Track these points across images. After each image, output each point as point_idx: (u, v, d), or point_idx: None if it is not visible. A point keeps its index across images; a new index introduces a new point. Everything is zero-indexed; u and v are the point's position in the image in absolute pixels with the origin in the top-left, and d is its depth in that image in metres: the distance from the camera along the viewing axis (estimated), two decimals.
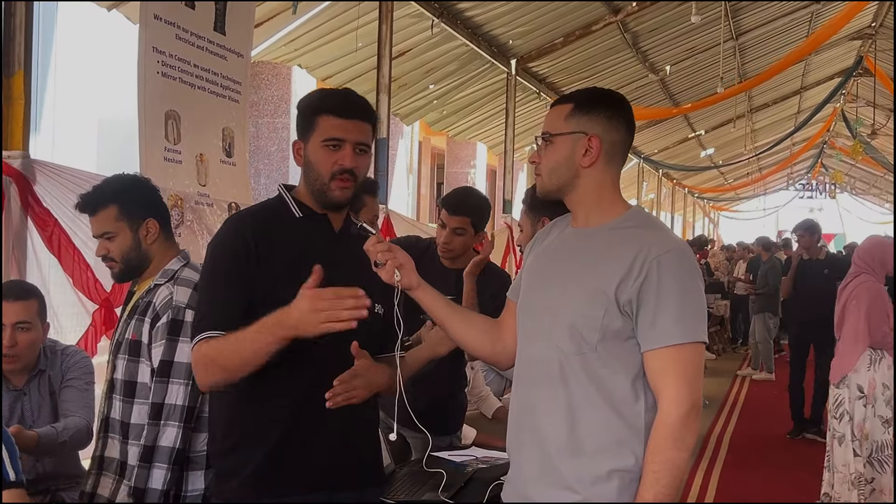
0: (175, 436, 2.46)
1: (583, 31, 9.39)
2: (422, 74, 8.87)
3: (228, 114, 4.50)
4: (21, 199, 3.46)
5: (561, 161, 2.11)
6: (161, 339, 2.49)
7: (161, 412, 2.47)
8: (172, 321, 2.50)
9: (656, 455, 1.95)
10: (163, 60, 3.94)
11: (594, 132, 2.09)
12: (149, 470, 2.44)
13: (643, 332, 1.98)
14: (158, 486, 2.43)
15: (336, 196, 2.24)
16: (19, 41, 3.55)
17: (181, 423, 2.47)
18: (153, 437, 2.45)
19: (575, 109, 2.10)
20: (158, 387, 2.48)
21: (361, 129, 2.25)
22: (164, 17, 3.95)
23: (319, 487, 2.23)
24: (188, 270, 2.62)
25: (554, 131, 2.11)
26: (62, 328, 3.67)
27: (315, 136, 2.24)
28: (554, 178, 2.13)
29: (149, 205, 2.68)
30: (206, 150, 4.30)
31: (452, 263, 3.59)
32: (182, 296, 2.52)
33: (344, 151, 2.22)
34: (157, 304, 2.53)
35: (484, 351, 2.35)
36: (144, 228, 2.63)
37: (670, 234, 2.15)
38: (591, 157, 2.09)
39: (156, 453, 2.45)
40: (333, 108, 2.23)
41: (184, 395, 2.48)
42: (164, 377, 2.48)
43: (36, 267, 3.56)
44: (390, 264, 2.18)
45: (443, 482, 2.90)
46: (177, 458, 2.46)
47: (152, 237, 2.64)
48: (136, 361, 2.54)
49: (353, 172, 2.23)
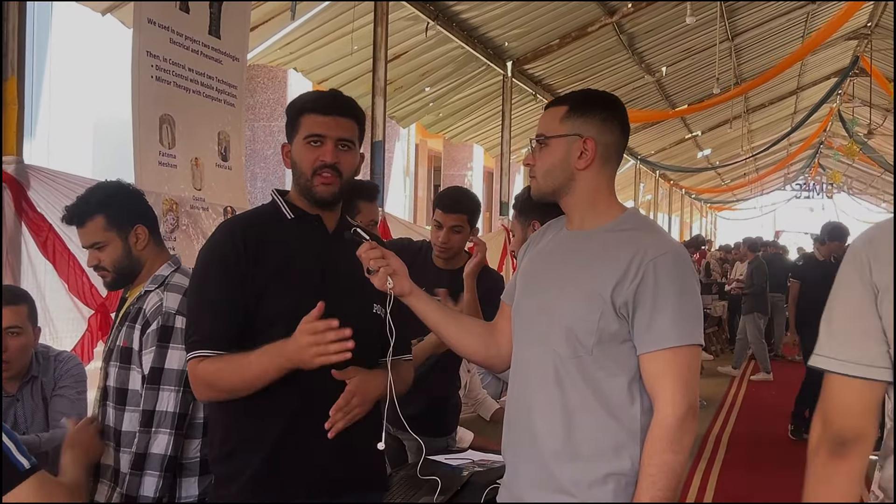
0: (167, 443, 2.44)
1: (579, 33, 9.39)
2: (418, 77, 8.86)
3: (224, 118, 4.49)
4: (15, 205, 3.44)
5: (556, 163, 2.10)
6: (151, 346, 2.47)
7: (152, 419, 2.45)
8: (162, 328, 2.48)
9: (653, 458, 1.94)
10: (157, 65, 3.92)
11: (589, 134, 2.08)
12: (140, 477, 2.42)
13: (639, 335, 1.98)
14: (150, 494, 2.42)
15: (319, 192, 2.24)
16: (12, 46, 3.53)
17: (172, 430, 2.45)
18: (144, 445, 2.44)
19: (570, 111, 2.10)
20: (149, 394, 2.46)
21: (344, 126, 2.26)
22: (158, 21, 3.93)
23: (319, 492, 2.22)
24: (178, 276, 2.60)
25: (549, 133, 2.11)
26: (58, 333, 3.65)
27: (299, 134, 2.26)
28: (549, 181, 2.12)
29: (136, 211, 2.66)
30: (201, 154, 4.28)
31: (446, 264, 3.60)
32: (172, 302, 2.50)
33: (325, 147, 2.23)
34: (147, 311, 2.52)
35: (478, 355, 2.34)
36: (134, 235, 2.61)
37: (666, 236, 2.15)
38: (586, 160, 2.09)
39: (147, 461, 2.43)
40: (314, 107, 2.26)
41: (175, 401, 2.46)
42: (154, 384, 2.46)
43: (31, 272, 3.55)
44: (383, 271, 2.18)
45: (438, 488, 2.90)
46: (169, 465, 2.44)
47: (143, 243, 2.63)
48: (127, 368, 2.52)
49: (335, 168, 2.24)
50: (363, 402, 2.21)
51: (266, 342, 2.10)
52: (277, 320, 2.17)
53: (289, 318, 2.16)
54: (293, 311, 2.16)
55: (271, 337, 2.11)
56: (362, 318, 2.27)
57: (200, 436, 2.52)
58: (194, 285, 2.27)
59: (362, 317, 2.27)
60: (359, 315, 2.26)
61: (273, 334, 2.13)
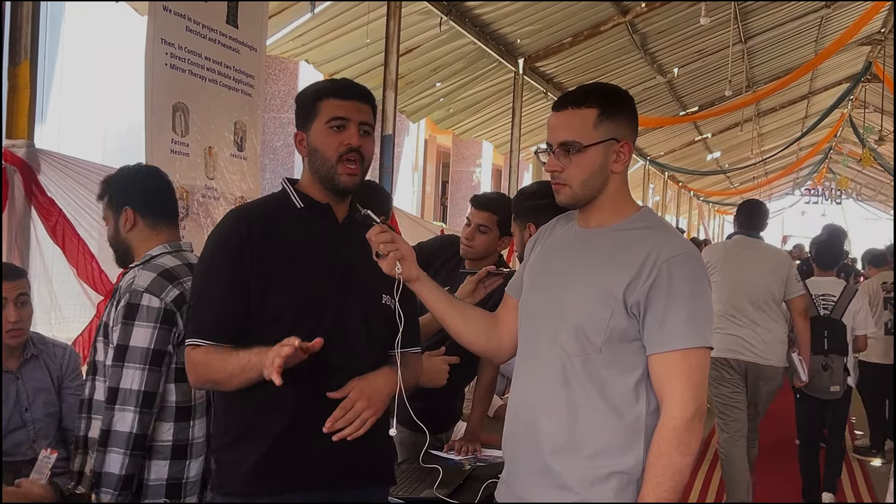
0: (132, 420, 2.41)
1: (591, 32, 9.36)
2: (429, 72, 8.86)
3: (241, 108, 4.49)
4: (25, 189, 3.45)
5: (595, 170, 2.05)
6: (118, 323, 2.47)
7: (116, 396, 2.42)
8: (128, 305, 2.47)
9: (659, 459, 1.94)
10: (171, 52, 3.92)
11: (624, 137, 2.06)
12: (105, 454, 2.41)
13: (650, 335, 1.97)
14: (115, 471, 2.39)
15: (343, 181, 2.23)
16: (26, 31, 3.54)
17: (138, 408, 2.42)
18: (108, 422, 2.42)
19: (602, 115, 2.04)
20: (114, 371, 2.45)
21: (363, 110, 2.26)
22: (174, 9, 3.93)
23: (321, 485, 2.22)
24: (168, 257, 2.60)
25: (586, 141, 2.04)
26: (65, 319, 3.66)
27: (318, 120, 2.23)
28: (588, 189, 2.07)
29: (127, 193, 2.68)
30: (215, 143, 4.28)
31: (474, 266, 3.55)
32: (143, 280, 2.50)
33: (349, 131, 2.22)
34: (121, 288, 2.55)
35: (479, 345, 2.34)
36: (123, 217, 2.66)
37: (679, 236, 2.14)
38: (622, 162, 2.07)
39: (112, 437, 2.41)
40: (334, 91, 2.25)
41: (140, 379, 2.43)
42: (119, 361, 2.45)
43: (39, 256, 3.56)
44: (392, 256, 2.16)
45: (438, 478, 2.90)
46: (136, 443, 2.42)
47: (129, 225, 2.65)
48: (106, 344, 2.54)
49: (359, 152, 2.23)
50: (371, 404, 2.19)
51: (274, 335, 2.08)
52: (285, 312, 2.17)
53: (297, 310, 2.16)
54: (301, 303, 2.17)
55: (278, 329, 2.10)
56: (372, 308, 2.26)
57: (172, 420, 2.51)
58: (199, 273, 2.26)
59: (371, 307, 2.26)
60: (368, 306, 2.26)
61: (281, 327, 2.12)
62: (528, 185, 3.38)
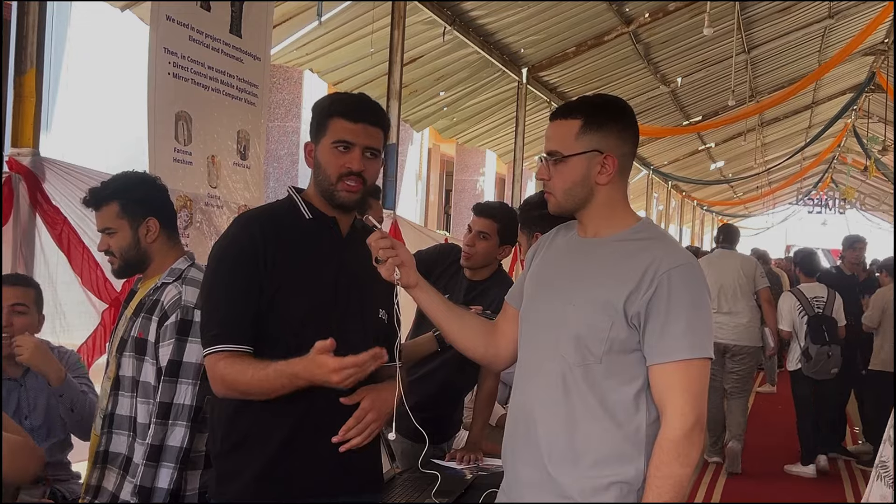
0: (183, 435, 2.46)
1: (595, 41, 9.39)
2: (433, 81, 8.87)
3: (244, 116, 4.50)
4: (30, 197, 3.46)
5: (577, 181, 2.06)
6: (170, 339, 2.49)
7: (169, 412, 2.47)
8: (181, 321, 2.50)
9: (660, 469, 1.94)
10: (174, 62, 3.94)
11: (608, 150, 2.05)
12: (156, 469, 2.44)
13: (650, 346, 1.97)
14: (165, 486, 2.44)
15: (342, 198, 2.24)
16: (32, 40, 3.56)
17: (189, 423, 2.48)
18: (161, 437, 2.45)
19: (585, 126, 2.05)
20: (167, 386, 2.48)
21: (371, 134, 2.25)
22: (178, 18, 3.95)
23: (319, 491, 2.23)
24: (195, 270, 2.63)
25: (566, 151, 2.06)
26: (70, 326, 3.67)
27: (326, 138, 2.24)
28: (570, 199, 2.09)
29: (150, 204, 2.68)
30: (218, 152, 4.29)
31: (473, 274, 3.56)
32: (191, 296, 2.53)
33: (352, 154, 2.22)
34: (165, 303, 2.54)
35: (476, 352, 2.35)
36: (144, 227, 2.64)
37: (679, 247, 2.14)
38: (607, 175, 2.06)
39: (164, 452, 2.45)
40: (344, 112, 2.24)
41: (192, 394, 2.49)
42: (173, 377, 2.48)
43: (43, 264, 3.57)
44: (391, 262, 2.17)
45: (436, 484, 2.90)
46: (184, 457, 2.47)
47: (152, 236, 2.65)
48: (141, 360, 2.54)
49: (360, 176, 2.23)
50: (379, 416, 2.22)
51: (283, 349, 2.12)
52: (292, 324, 2.18)
53: (302, 323, 2.18)
54: (307, 315, 2.18)
55: (288, 344, 2.13)
56: (368, 323, 2.29)
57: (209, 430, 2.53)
58: (209, 279, 2.26)
59: (368, 322, 2.29)
60: (367, 320, 2.28)
61: (284, 337, 2.15)
62: (534, 195, 3.40)
